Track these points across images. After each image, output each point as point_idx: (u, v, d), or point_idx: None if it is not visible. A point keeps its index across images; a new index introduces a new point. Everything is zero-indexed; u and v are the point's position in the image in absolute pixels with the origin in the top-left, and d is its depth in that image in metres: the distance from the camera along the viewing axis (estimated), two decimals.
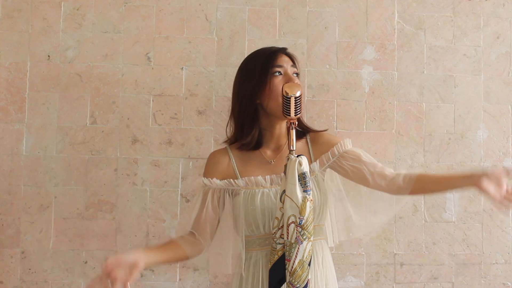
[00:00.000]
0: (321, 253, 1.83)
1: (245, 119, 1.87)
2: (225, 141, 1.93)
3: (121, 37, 2.25)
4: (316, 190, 1.81)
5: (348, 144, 1.87)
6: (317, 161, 1.87)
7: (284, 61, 1.87)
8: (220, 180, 1.84)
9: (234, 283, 1.85)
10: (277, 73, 1.83)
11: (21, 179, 2.18)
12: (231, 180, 1.84)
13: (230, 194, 1.85)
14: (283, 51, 1.90)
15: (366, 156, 1.85)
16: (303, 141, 1.92)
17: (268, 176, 1.80)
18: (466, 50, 2.35)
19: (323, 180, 1.86)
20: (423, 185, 1.76)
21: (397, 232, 2.26)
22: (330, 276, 1.84)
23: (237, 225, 1.83)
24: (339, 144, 1.86)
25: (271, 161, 1.85)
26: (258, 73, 1.84)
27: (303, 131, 1.93)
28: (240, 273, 1.83)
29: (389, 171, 1.81)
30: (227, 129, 1.92)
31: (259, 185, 1.81)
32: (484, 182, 1.58)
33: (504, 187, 1.58)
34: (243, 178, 1.83)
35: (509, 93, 2.35)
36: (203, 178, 1.88)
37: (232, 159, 1.88)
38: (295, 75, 1.87)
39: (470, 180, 1.64)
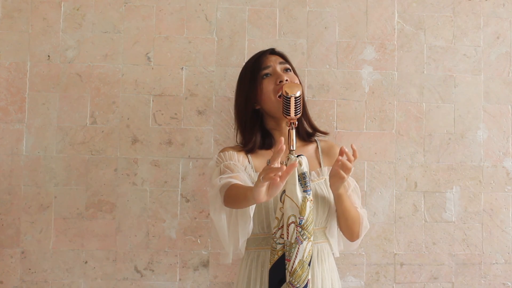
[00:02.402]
0: (327, 256, 1.83)
1: (245, 125, 1.92)
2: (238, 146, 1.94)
3: (121, 37, 2.25)
4: (327, 192, 1.82)
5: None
6: (329, 168, 1.88)
7: (271, 60, 1.90)
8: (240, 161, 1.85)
9: (241, 282, 1.84)
10: (265, 75, 1.87)
11: (21, 179, 2.18)
12: (251, 169, 1.84)
13: None
14: (269, 51, 1.94)
15: (353, 190, 1.90)
16: (313, 146, 1.95)
17: None
18: (466, 50, 2.35)
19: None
20: (338, 216, 1.84)
21: (397, 232, 2.26)
22: (335, 280, 1.84)
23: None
24: None
25: (283, 162, 1.84)
26: (248, 80, 1.90)
27: (312, 132, 1.95)
28: (246, 273, 1.83)
29: None
30: (236, 138, 1.96)
31: None
32: (331, 183, 1.73)
33: (347, 166, 1.69)
34: (257, 173, 1.83)
35: (509, 93, 2.35)
36: (222, 153, 1.85)
37: (247, 154, 1.89)
38: (287, 71, 1.89)
39: (332, 190, 1.76)
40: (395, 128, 2.29)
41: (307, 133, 1.95)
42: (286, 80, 1.84)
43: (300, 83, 1.95)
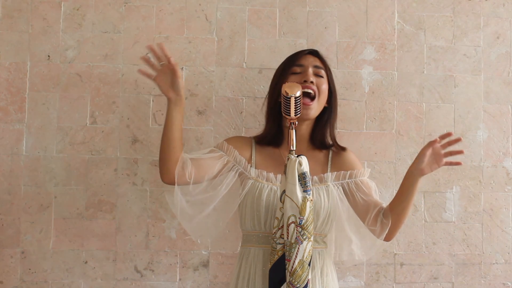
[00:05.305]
0: (320, 263, 1.82)
1: (269, 116, 1.95)
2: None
3: (121, 37, 2.24)
4: (326, 199, 1.82)
5: (366, 174, 1.93)
6: (333, 173, 1.88)
7: (307, 60, 1.91)
8: (238, 154, 1.87)
9: (233, 279, 1.86)
10: (295, 72, 1.87)
11: (21, 179, 2.18)
12: (247, 164, 1.85)
13: (236, 174, 1.86)
14: (309, 51, 1.94)
15: (375, 193, 1.91)
16: (324, 152, 1.94)
17: (280, 175, 1.81)
18: (466, 50, 2.35)
19: (335, 193, 1.86)
20: (395, 211, 1.82)
21: None
22: (330, 286, 1.83)
23: (241, 216, 1.84)
24: (359, 170, 1.91)
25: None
26: (280, 72, 1.92)
27: (330, 144, 1.95)
28: (237, 270, 1.84)
29: (380, 209, 1.86)
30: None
31: (269, 181, 1.82)
32: (426, 168, 1.73)
33: (441, 160, 1.73)
34: (257, 170, 1.84)
35: (509, 93, 2.35)
36: (224, 141, 1.90)
37: (253, 148, 1.91)
38: (319, 76, 1.88)
39: (414, 174, 1.76)
40: (395, 128, 2.29)
41: (323, 142, 1.95)
42: (311, 82, 1.85)
43: (332, 91, 1.94)
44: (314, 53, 1.96)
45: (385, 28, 2.32)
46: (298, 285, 1.63)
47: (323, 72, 1.91)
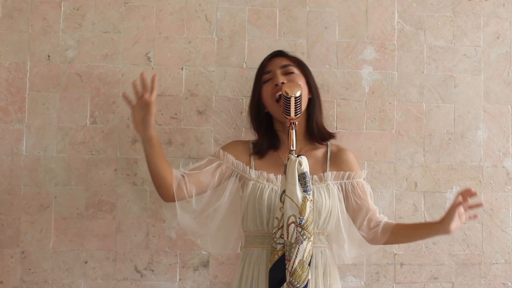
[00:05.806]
0: (323, 262, 1.82)
1: (258, 128, 1.97)
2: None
3: (121, 37, 2.24)
4: (327, 197, 1.82)
5: (363, 175, 1.94)
6: (333, 173, 1.88)
7: (273, 64, 1.93)
8: (235, 159, 1.88)
9: (235, 280, 1.86)
10: (266, 80, 1.91)
11: (21, 179, 2.18)
12: (246, 166, 1.86)
13: (237, 178, 1.88)
14: (274, 54, 1.97)
15: (370, 197, 1.92)
16: (322, 150, 1.95)
17: (280, 175, 1.81)
18: (466, 50, 2.35)
19: (335, 192, 1.87)
20: (396, 237, 1.85)
21: None
22: (333, 286, 1.83)
23: (243, 218, 1.85)
24: (357, 172, 1.92)
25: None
26: (254, 84, 1.97)
27: (326, 137, 1.95)
28: (239, 270, 1.84)
29: (376, 219, 1.87)
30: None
31: (270, 181, 1.83)
32: (452, 228, 1.72)
33: (462, 217, 1.73)
34: (257, 171, 1.85)
35: (509, 93, 2.35)
36: (220, 149, 1.92)
37: (251, 152, 1.93)
38: (289, 74, 1.90)
39: (439, 231, 1.76)
40: (395, 128, 2.29)
41: (320, 135, 1.96)
42: (283, 83, 1.85)
43: (310, 82, 1.95)
44: (279, 53, 1.97)
45: (385, 28, 2.32)
46: (298, 285, 1.63)
47: (292, 68, 1.92)
